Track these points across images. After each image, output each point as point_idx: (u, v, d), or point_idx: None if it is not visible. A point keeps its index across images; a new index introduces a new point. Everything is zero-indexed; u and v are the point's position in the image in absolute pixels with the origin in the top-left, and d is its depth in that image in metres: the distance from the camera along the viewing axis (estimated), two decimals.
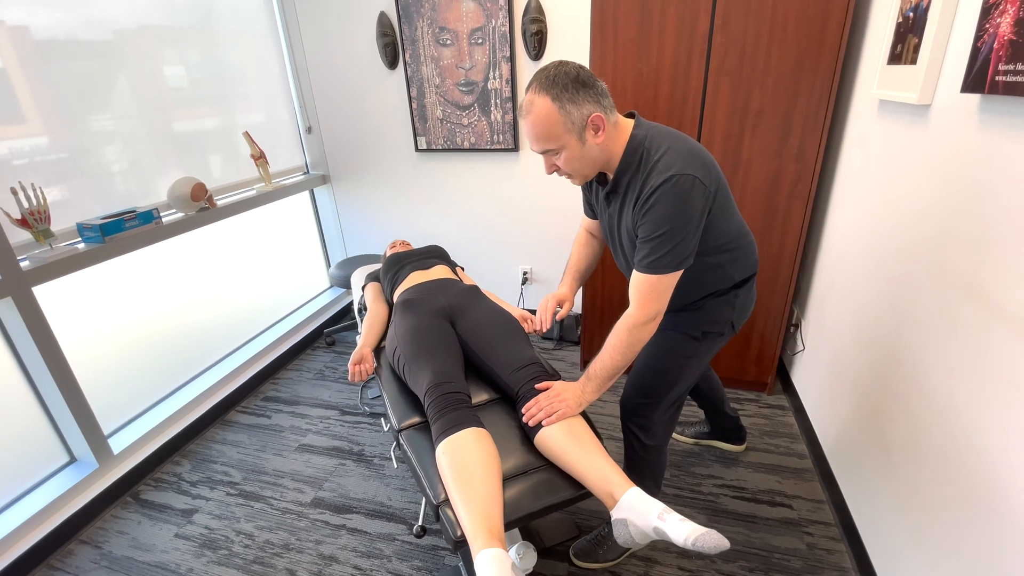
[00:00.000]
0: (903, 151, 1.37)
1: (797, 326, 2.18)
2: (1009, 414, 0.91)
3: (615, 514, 1.02)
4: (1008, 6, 0.91)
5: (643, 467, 1.44)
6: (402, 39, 2.42)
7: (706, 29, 1.76)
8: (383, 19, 2.41)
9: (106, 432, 1.85)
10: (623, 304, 2.26)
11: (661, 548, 1.55)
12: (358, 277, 2.28)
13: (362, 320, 2.09)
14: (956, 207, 1.10)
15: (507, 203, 2.67)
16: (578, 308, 2.69)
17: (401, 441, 1.26)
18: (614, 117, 1.08)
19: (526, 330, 1.56)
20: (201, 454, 2.04)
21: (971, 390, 1.02)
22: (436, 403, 1.19)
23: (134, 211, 1.84)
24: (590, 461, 1.09)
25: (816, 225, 2.03)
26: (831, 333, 1.80)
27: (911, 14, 1.31)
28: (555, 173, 1.15)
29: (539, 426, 1.17)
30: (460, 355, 1.40)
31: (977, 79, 1.00)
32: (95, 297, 1.87)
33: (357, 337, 1.98)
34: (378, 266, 2.35)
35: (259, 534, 1.66)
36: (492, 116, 2.44)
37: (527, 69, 2.34)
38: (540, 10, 2.21)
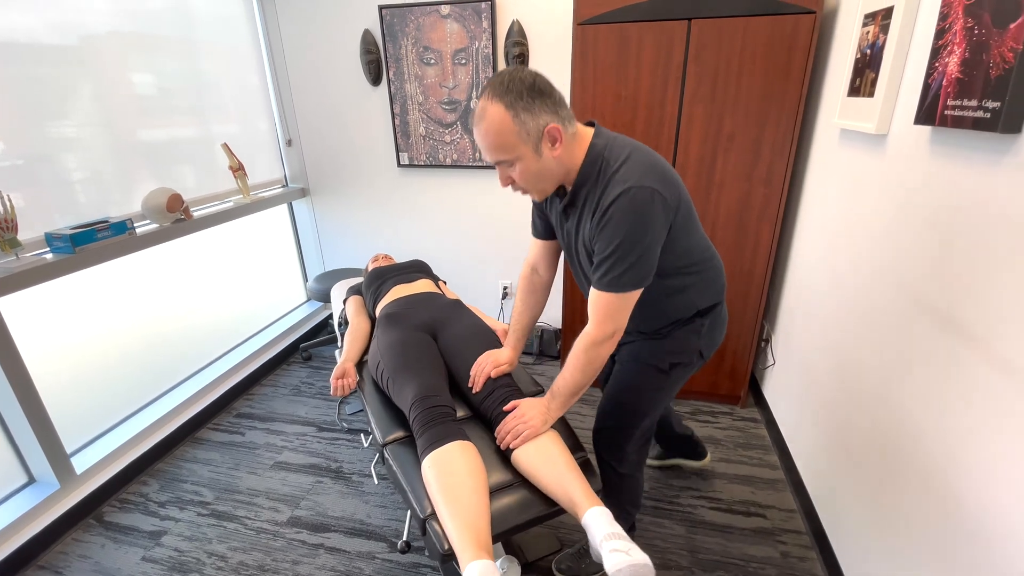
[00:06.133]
0: (862, 177, 1.46)
1: (768, 341, 2.26)
2: (966, 422, 0.97)
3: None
4: (955, 47, 1.00)
5: (620, 493, 1.43)
6: (386, 57, 2.45)
7: (681, 58, 1.85)
8: (367, 36, 2.44)
9: (69, 451, 1.77)
10: None
11: None
12: (338, 291, 2.26)
13: (343, 334, 2.08)
14: (911, 229, 1.19)
15: (488, 219, 2.70)
16: (558, 323, 2.72)
17: (386, 455, 1.26)
18: (572, 128, 1.02)
19: None
20: (170, 473, 1.96)
21: (930, 399, 1.09)
22: (421, 417, 1.19)
23: (106, 221, 1.79)
24: (557, 480, 1.10)
25: (784, 245, 2.13)
26: (799, 348, 1.88)
27: (868, 51, 1.42)
28: (511, 187, 1.08)
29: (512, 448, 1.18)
30: (444, 369, 1.40)
31: (928, 112, 1.09)
32: (61, 309, 1.80)
33: (336, 352, 1.96)
34: (359, 280, 2.34)
35: (232, 555, 1.61)
36: (474, 134, 2.48)
37: None
38: (522, 34, 2.28)
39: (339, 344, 2.14)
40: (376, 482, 1.87)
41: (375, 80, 2.53)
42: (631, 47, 1.87)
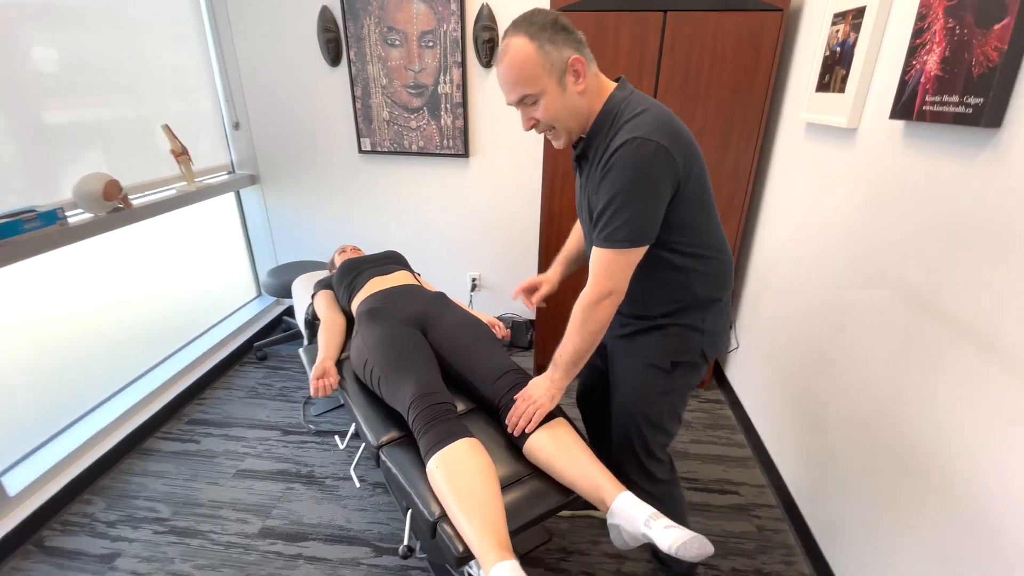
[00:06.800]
0: (831, 169, 1.54)
1: (731, 326, 2.37)
2: (928, 392, 1.05)
3: (609, 519, 1.04)
4: (935, 46, 1.07)
5: (663, 505, 1.14)
6: (347, 36, 2.31)
7: (656, 50, 1.87)
8: (325, 14, 2.29)
9: None
10: None
11: None
12: (302, 285, 2.12)
13: (308, 330, 1.96)
14: (884, 217, 1.26)
15: (456, 209, 2.64)
16: (532, 313, 2.71)
17: (383, 458, 1.19)
18: (595, 68, 1.02)
19: (496, 336, 1.55)
20: (118, 489, 1.78)
21: (896, 374, 1.17)
22: (423, 415, 1.14)
23: (33, 210, 1.58)
24: (579, 468, 1.09)
25: (747, 235, 2.23)
26: (765, 332, 1.98)
27: (838, 48, 1.49)
28: (534, 129, 1.04)
29: (525, 437, 1.16)
30: (437, 364, 1.35)
31: (905, 108, 1.16)
32: None
33: (301, 351, 1.85)
34: (326, 273, 2.21)
35: (200, 574, 1.48)
36: (442, 121, 2.40)
37: (479, 76, 2.34)
38: (492, 18, 2.22)
39: (305, 341, 2.02)
40: (358, 485, 1.78)
41: (334, 60, 2.38)
42: (608, 36, 1.87)
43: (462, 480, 1.01)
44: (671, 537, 0.90)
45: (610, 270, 1.00)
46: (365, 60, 2.35)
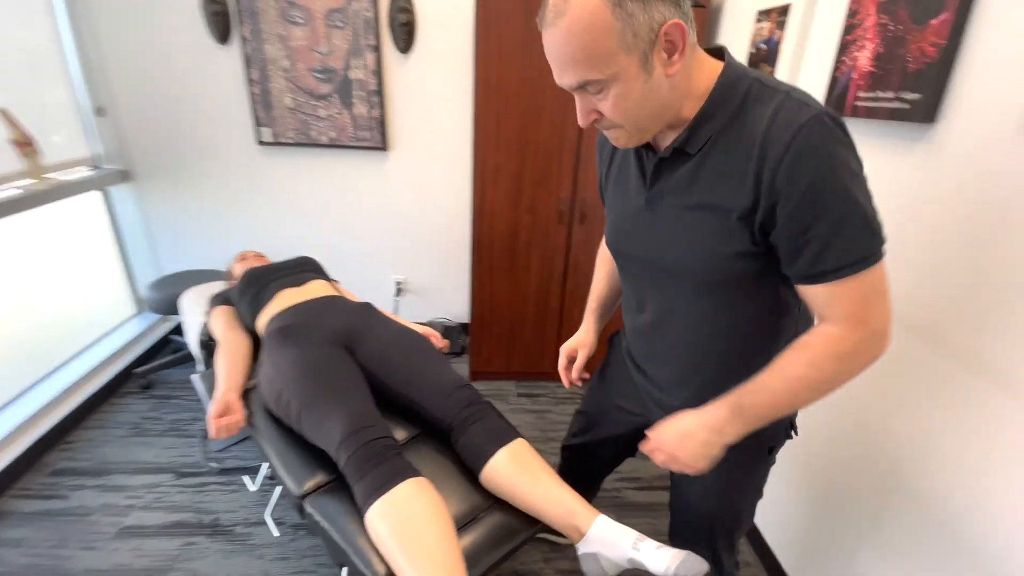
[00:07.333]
0: None
1: None
2: (882, 391, 1.08)
3: (582, 547, 0.95)
4: (867, 43, 1.08)
5: None
6: (238, 9, 2.00)
7: None
8: None
9: None
10: (515, 309, 2.22)
11: None
12: (193, 300, 1.81)
13: (204, 352, 1.67)
14: None
15: (375, 207, 2.42)
16: (464, 317, 2.56)
17: (308, 510, 1.00)
18: (694, 37, 0.65)
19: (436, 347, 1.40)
20: None
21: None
22: (358, 456, 0.96)
23: None
24: (547, 494, 0.99)
25: None
26: None
27: (764, 46, 1.51)
28: (596, 124, 0.70)
29: (483, 461, 1.03)
30: (368, 389, 1.17)
31: (837, 104, 1.17)
32: None
33: (193, 377, 1.57)
34: (223, 285, 1.91)
35: None
36: (355, 109, 2.18)
37: (396, 62, 2.14)
38: (408, 0, 2.03)
39: (200, 366, 1.72)
40: (276, 533, 1.54)
41: (222, 37, 2.06)
42: (533, 24, 1.77)
43: (410, 530, 0.86)
44: (667, 557, 0.84)
45: (874, 300, 0.67)
46: (262, 38, 2.05)
